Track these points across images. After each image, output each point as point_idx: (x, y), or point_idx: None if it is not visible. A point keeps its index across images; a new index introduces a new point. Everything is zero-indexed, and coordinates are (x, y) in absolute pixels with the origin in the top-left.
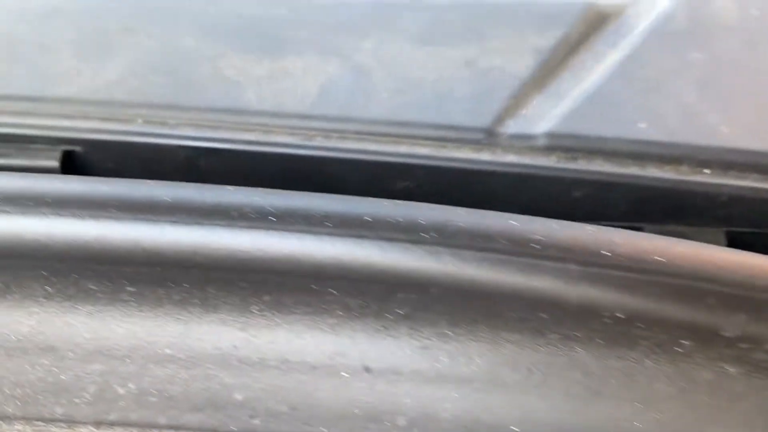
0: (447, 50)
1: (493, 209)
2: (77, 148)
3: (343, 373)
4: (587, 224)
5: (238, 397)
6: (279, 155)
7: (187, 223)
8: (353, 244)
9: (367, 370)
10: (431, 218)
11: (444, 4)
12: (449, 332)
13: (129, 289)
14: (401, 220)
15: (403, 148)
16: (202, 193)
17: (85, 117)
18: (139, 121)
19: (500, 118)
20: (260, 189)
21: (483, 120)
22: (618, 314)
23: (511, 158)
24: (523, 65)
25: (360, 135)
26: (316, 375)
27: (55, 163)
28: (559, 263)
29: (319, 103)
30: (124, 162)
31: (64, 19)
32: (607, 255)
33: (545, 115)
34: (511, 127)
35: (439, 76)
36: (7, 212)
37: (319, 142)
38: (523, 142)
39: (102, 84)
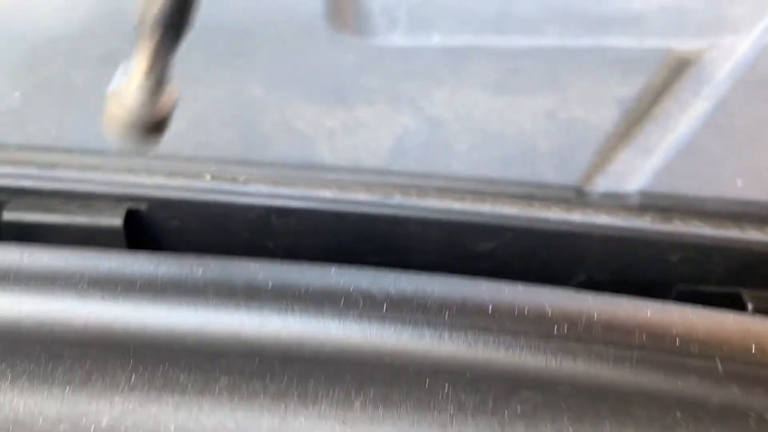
0: (525, 100)
1: (585, 273)
2: (142, 206)
3: None
4: (730, 312)
5: None
6: (356, 214)
7: (291, 311)
8: (475, 339)
9: None
10: (563, 307)
11: (517, 50)
12: (571, 429)
13: (222, 380)
14: (527, 310)
15: (487, 207)
16: (307, 276)
17: (150, 172)
18: (207, 177)
19: (589, 175)
20: (369, 270)
21: (571, 177)
22: (766, 416)
23: (603, 219)
24: (606, 116)
25: (441, 192)
26: None
27: (118, 222)
28: (702, 361)
29: (396, 157)
30: (191, 220)
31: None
32: (757, 352)
33: (635, 172)
34: (601, 184)
35: (520, 129)
36: (94, 296)
37: (397, 199)
38: (615, 201)
39: (166, 137)
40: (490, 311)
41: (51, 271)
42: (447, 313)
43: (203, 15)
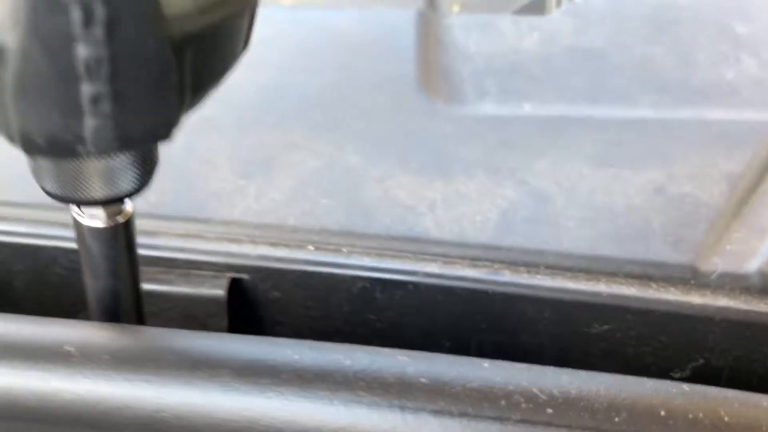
0: (630, 174)
1: (702, 357)
2: (244, 276)
3: None
4: None
5: None
6: (463, 289)
7: (439, 412)
8: None
9: None
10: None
11: (615, 122)
12: None
13: None
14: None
15: (602, 287)
16: (442, 367)
17: (254, 242)
18: (310, 247)
19: (704, 254)
20: (521, 364)
21: (686, 256)
22: None
23: (723, 302)
24: (716, 192)
25: (552, 269)
26: None
27: (221, 292)
28: None
29: (502, 231)
30: (294, 291)
31: (224, 132)
32: None
33: (753, 251)
34: (718, 264)
35: (629, 205)
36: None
37: (507, 276)
38: (734, 282)
39: (269, 206)
40: (662, 414)
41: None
42: (616, 416)
43: (299, 84)
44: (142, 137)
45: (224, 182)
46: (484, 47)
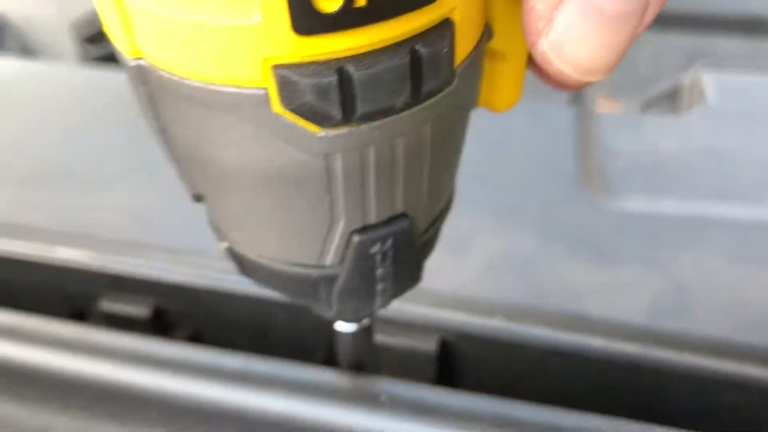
0: (759, 272)
1: None
2: (450, 338)
3: None
4: None
5: None
6: (621, 361)
7: None
8: None
9: None
10: None
11: (749, 221)
12: None
13: None
14: None
15: (732, 366)
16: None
17: (455, 309)
18: (499, 317)
19: None
20: None
21: None
22: None
23: None
24: None
25: (694, 349)
26: None
27: (432, 347)
28: None
29: (653, 314)
30: (488, 354)
31: None
32: None
33: None
34: None
35: (759, 298)
36: None
37: (657, 353)
38: None
39: (466, 280)
40: None
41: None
42: None
43: (482, 173)
44: (403, 293)
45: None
46: (630, 145)
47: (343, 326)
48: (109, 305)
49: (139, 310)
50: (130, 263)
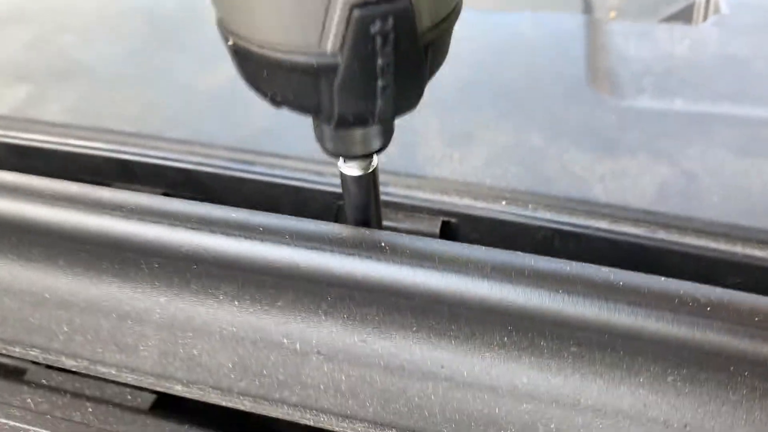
0: (766, 163)
1: None
2: (453, 220)
3: None
4: None
5: None
6: (625, 242)
7: None
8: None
9: None
10: None
11: (755, 120)
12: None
13: (572, 349)
14: None
15: (738, 248)
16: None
17: (460, 194)
18: (503, 202)
19: None
20: None
21: None
22: None
23: None
24: None
25: (698, 233)
26: None
27: (435, 230)
28: None
29: (659, 200)
30: (489, 235)
31: (433, 113)
32: None
33: None
34: None
35: (765, 187)
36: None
37: (661, 235)
38: None
39: (470, 168)
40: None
41: None
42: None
43: (489, 78)
44: (405, 109)
45: (435, 150)
46: (641, 52)
47: (347, 169)
48: None
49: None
50: (139, 153)
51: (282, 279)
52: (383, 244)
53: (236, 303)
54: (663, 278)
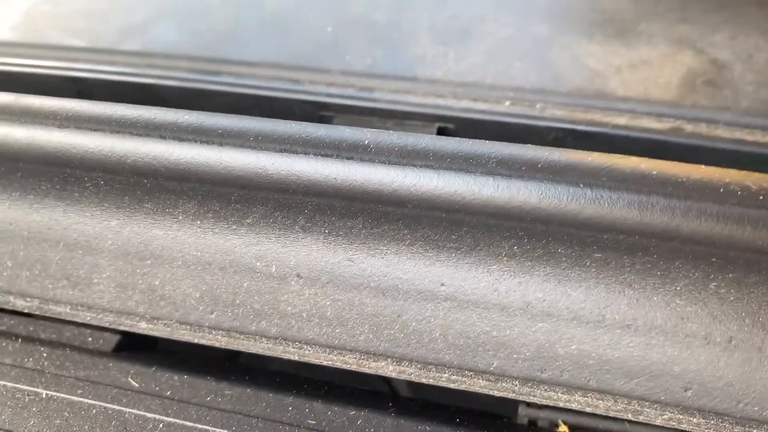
0: None
1: None
2: (450, 125)
3: None
4: None
5: None
6: (648, 140)
7: None
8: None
9: None
10: None
11: None
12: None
13: (595, 255)
14: None
15: None
16: None
17: (457, 97)
18: (507, 103)
19: None
20: None
21: None
22: None
23: None
24: None
25: (730, 126)
26: None
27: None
28: None
29: (683, 92)
30: (493, 140)
31: (421, 6)
32: None
33: None
34: None
35: None
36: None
37: (689, 129)
38: None
39: (468, 67)
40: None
41: None
42: None
43: None
44: None
45: (427, 48)
46: None
47: None
48: None
49: None
50: (92, 69)
51: (249, 191)
52: (367, 143)
53: (198, 223)
54: (704, 167)
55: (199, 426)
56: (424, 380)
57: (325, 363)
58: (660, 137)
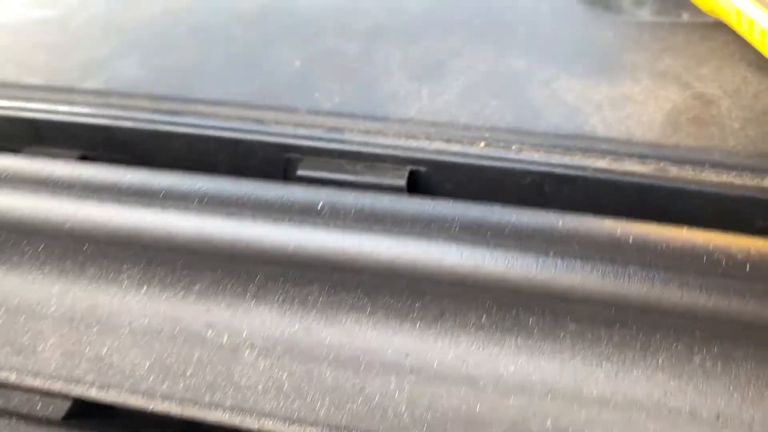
0: None
1: None
2: (422, 168)
3: None
4: None
5: None
6: (631, 185)
7: None
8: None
9: None
10: None
11: None
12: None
13: (570, 327)
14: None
15: (766, 183)
16: None
17: (430, 138)
18: (482, 144)
19: None
20: None
21: None
22: None
23: None
24: None
25: (717, 167)
26: None
27: (402, 182)
28: None
29: (668, 131)
30: (467, 184)
31: (395, 40)
32: None
33: None
34: None
35: None
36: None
37: (673, 172)
38: None
39: (442, 106)
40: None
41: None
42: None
43: None
44: None
45: (399, 85)
46: None
47: None
48: None
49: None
50: (46, 110)
51: (196, 256)
52: (321, 206)
53: (144, 289)
54: (685, 229)
55: None
56: None
57: None
58: (644, 181)
